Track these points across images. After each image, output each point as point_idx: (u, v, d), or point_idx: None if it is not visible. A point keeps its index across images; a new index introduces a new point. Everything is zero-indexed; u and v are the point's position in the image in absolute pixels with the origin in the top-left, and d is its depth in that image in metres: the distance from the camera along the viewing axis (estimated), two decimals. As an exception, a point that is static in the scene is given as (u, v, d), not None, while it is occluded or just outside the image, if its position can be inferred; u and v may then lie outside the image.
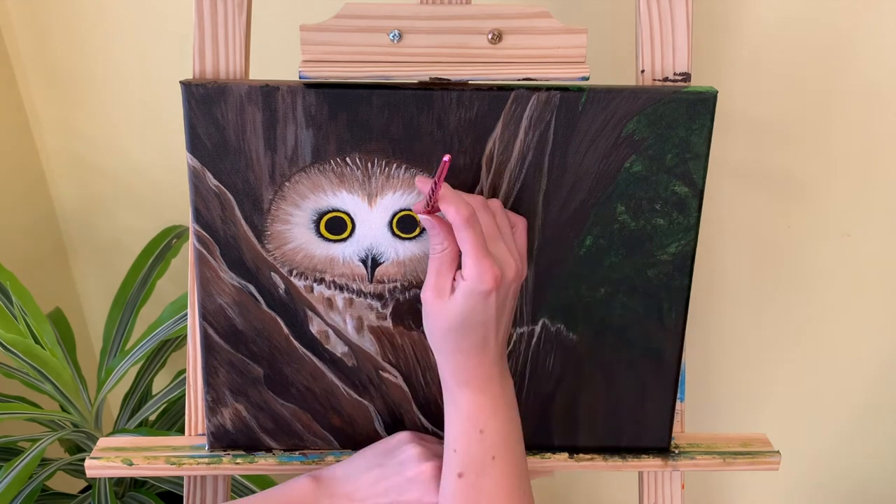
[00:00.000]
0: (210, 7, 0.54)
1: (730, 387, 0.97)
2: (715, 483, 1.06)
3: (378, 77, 0.52)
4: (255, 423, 0.60)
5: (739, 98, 0.78)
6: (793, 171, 0.82)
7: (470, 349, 0.50)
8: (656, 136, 0.53)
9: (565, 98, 0.52)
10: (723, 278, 0.89)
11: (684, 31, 0.55)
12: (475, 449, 0.51)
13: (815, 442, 1.00)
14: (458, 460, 0.51)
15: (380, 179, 0.54)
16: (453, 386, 0.52)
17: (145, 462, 0.60)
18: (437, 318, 0.50)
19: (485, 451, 0.51)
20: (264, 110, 0.52)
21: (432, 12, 0.52)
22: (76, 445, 0.89)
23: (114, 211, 0.97)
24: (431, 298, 0.50)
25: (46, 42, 0.86)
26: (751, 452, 0.63)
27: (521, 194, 0.54)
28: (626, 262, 0.56)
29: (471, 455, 0.51)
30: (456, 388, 0.52)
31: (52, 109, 0.90)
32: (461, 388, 0.52)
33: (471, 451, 0.51)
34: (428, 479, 0.54)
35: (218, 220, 0.55)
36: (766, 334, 0.93)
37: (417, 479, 0.54)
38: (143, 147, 0.91)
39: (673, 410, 0.61)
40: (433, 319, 0.51)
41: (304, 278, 0.56)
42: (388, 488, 0.54)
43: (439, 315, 0.50)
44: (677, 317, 0.58)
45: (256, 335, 0.58)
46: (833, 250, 0.86)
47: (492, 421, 0.51)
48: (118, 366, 0.82)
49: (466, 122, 0.52)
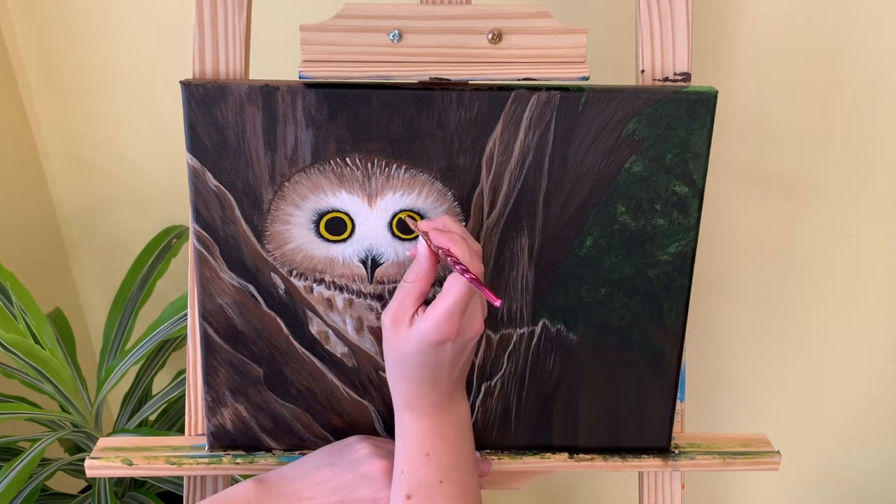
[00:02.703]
0: (210, 7, 0.54)
1: (730, 387, 0.97)
2: (715, 483, 1.06)
3: (378, 77, 0.52)
4: (254, 423, 0.60)
5: (739, 98, 0.78)
6: (793, 171, 0.82)
7: (418, 380, 0.50)
8: (656, 136, 0.53)
9: (565, 98, 0.52)
10: (723, 278, 0.89)
11: (684, 31, 0.55)
12: (422, 472, 0.51)
13: (815, 442, 1.00)
14: (405, 482, 0.51)
15: (380, 180, 0.54)
16: (401, 408, 0.52)
17: (145, 462, 0.60)
18: (389, 344, 0.50)
19: (431, 473, 0.51)
20: (264, 110, 0.52)
21: (432, 12, 0.52)
22: (76, 445, 0.89)
23: (114, 211, 0.97)
24: (388, 324, 0.50)
25: (46, 42, 0.86)
26: (751, 452, 0.63)
27: (521, 194, 0.54)
28: (627, 263, 0.56)
29: (418, 477, 0.51)
30: (403, 411, 0.52)
31: (52, 109, 0.90)
32: (408, 411, 0.52)
33: (418, 474, 0.51)
34: (381, 475, 0.53)
35: (218, 220, 0.55)
36: (766, 334, 0.93)
37: (370, 475, 0.54)
38: (143, 147, 0.91)
39: (673, 410, 0.61)
40: (386, 344, 0.51)
41: (303, 279, 0.56)
42: (339, 486, 0.53)
43: (392, 342, 0.50)
44: (677, 317, 0.58)
45: (256, 335, 0.58)
46: (833, 250, 0.86)
47: (438, 445, 0.51)
48: (118, 366, 0.82)
49: (466, 122, 0.52)
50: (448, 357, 0.49)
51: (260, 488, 0.54)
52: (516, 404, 0.61)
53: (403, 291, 0.50)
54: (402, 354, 0.50)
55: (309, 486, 0.54)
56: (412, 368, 0.50)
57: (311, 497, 0.53)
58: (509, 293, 0.57)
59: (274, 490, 0.54)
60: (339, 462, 0.55)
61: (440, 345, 0.48)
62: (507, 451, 0.62)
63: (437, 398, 0.51)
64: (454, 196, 0.54)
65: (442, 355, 0.49)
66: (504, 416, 0.61)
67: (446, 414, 0.52)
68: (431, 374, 0.50)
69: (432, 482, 0.51)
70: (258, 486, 0.54)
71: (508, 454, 0.62)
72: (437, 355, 0.49)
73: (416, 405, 0.51)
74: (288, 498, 0.53)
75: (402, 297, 0.50)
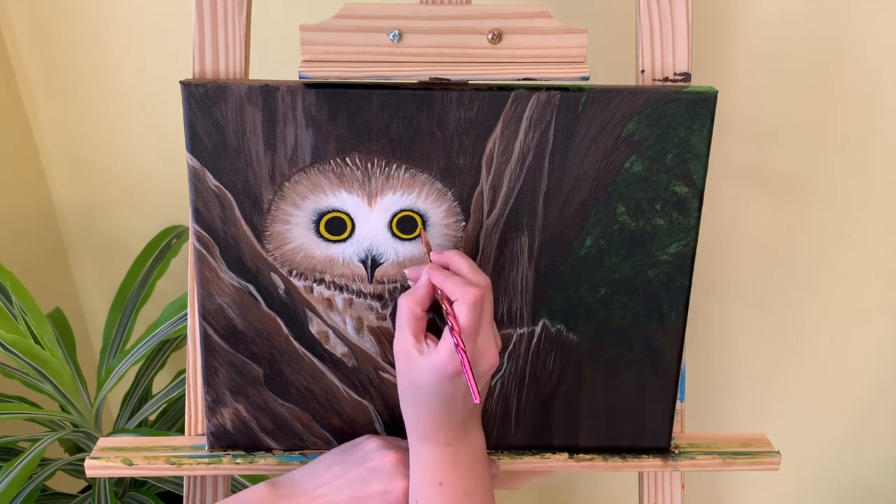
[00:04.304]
0: (210, 7, 0.54)
1: (730, 387, 0.97)
2: (715, 483, 1.06)
3: (378, 77, 0.52)
4: (254, 423, 0.60)
5: (739, 98, 0.78)
6: (793, 171, 0.82)
7: (433, 412, 0.49)
8: (656, 136, 0.53)
9: (565, 98, 0.52)
10: (723, 278, 0.89)
11: (684, 31, 0.55)
12: (435, 500, 0.50)
13: (815, 442, 1.00)
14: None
15: (380, 180, 0.54)
16: (414, 438, 0.52)
17: (145, 462, 0.60)
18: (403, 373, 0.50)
19: (445, 502, 0.50)
20: (264, 110, 0.52)
21: (432, 12, 0.52)
22: (76, 445, 0.89)
23: (114, 211, 0.97)
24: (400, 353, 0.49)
25: (46, 42, 0.86)
26: (751, 452, 0.63)
27: (521, 194, 0.54)
28: (627, 263, 0.56)
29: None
30: (417, 442, 0.51)
31: (52, 109, 0.90)
32: (421, 441, 0.51)
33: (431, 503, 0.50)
34: (391, 466, 0.53)
35: (218, 220, 0.55)
36: (767, 334, 0.93)
37: (379, 468, 0.53)
38: (143, 147, 0.91)
39: (673, 410, 0.61)
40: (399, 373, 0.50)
41: (303, 279, 0.56)
42: (350, 481, 0.53)
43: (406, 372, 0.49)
44: (677, 317, 0.58)
45: (256, 335, 0.58)
46: (833, 250, 0.86)
47: (451, 475, 0.50)
48: (118, 366, 0.82)
49: (466, 122, 0.52)
50: (463, 389, 0.48)
51: (273, 490, 0.54)
52: (516, 404, 0.61)
53: (400, 316, 0.49)
54: (415, 384, 0.49)
55: (319, 485, 0.53)
56: (427, 399, 0.49)
57: (322, 495, 0.53)
58: (509, 293, 0.57)
59: (285, 491, 0.54)
60: (348, 460, 0.55)
61: (455, 377, 0.47)
62: (507, 451, 0.62)
63: (453, 429, 0.50)
64: (454, 196, 0.54)
65: (457, 387, 0.48)
66: (504, 416, 0.61)
67: (461, 444, 0.51)
68: (447, 406, 0.49)
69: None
70: (271, 488, 0.54)
71: (508, 454, 0.62)
72: (453, 387, 0.48)
73: (431, 436, 0.50)
74: (299, 498, 0.53)
75: (400, 324, 0.49)
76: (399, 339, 0.49)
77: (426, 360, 0.47)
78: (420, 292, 0.49)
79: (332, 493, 0.53)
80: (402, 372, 0.50)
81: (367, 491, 0.52)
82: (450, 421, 0.50)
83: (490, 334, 0.49)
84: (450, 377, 0.47)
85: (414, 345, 0.48)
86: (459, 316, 0.46)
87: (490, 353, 0.49)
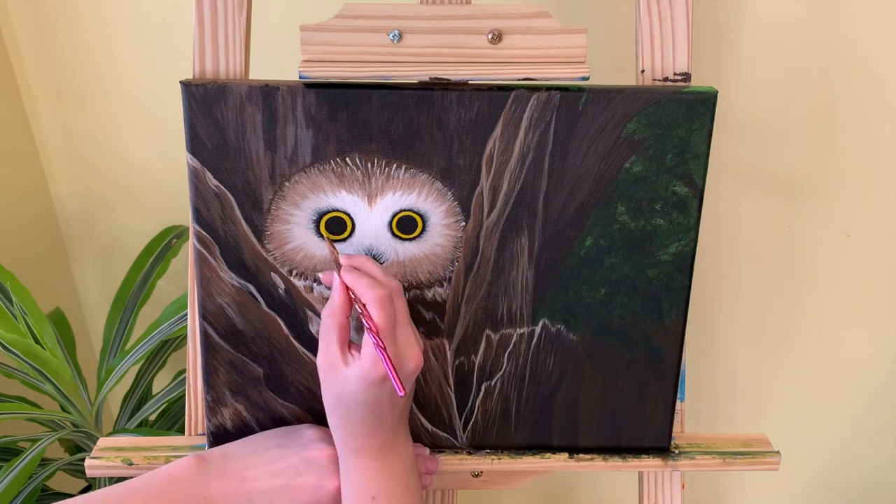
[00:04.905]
0: (210, 7, 0.54)
1: (730, 387, 0.97)
2: (715, 483, 1.06)
3: (378, 77, 0.52)
4: (255, 423, 0.60)
5: (739, 98, 0.78)
6: (793, 171, 0.82)
7: (361, 421, 0.49)
8: (656, 137, 0.53)
9: (565, 98, 0.52)
10: (723, 278, 0.89)
11: (684, 32, 0.55)
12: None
13: (815, 442, 1.00)
14: None
15: (380, 180, 0.54)
16: (345, 452, 0.51)
17: (145, 462, 0.60)
18: (327, 388, 0.50)
19: None
20: (264, 110, 0.52)
21: (432, 12, 0.52)
22: (76, 445, 0.89)
23: (114, 211, 0.97)
24: (324, 367, 0.49)
25: (46, 42, 0.86)
26: (751, 452, 0.63)
27: (521, 195, 0.54)
28: (627, 263, 0.56)
29: None
30: (347, 455, 0.51)
31: (52, 109, 0.90)
32: (351, 454, 0.51)
33: None
34: (327, 462, 0.52)
35: (218, 220, 0.55)
36: (767, 334, 0.93)
37: (316, 461, 0.52)
38: (143, 147, 0.91)
39: (673, 410, 0.61)
40: (324, 388, 0.50)
41: (304, 278, 0.56)
42: (284, 468, 0.52)
43: (330, 385, 0.49)
44: (677, 317, 0.58)
45: (256, 335, 0.58)
46: (833, 250, 0.86)
47: (385, 487, 0.50)
48: (118, 366, 0.82)
49: (466, 122, 0.52)
50: (389, 393, 0.48)
51: (202, 465, 0.52)
52: (516, 404, 0.61)
53: (325, 329, 0.49)
54: (342, 395, 0.49)
55: (253, 466, 0.52)
56: (354, 410, 0.49)
57: (255, 478, 0.52)
58: (509, 293, 0.57)
59: (216, 467, 0.52)
60: (287, 444, 0.54)
61: (382, 381, 0.47)
62: (507, 451, 0.62)
63: (382, 438, 0.50)
64: (454, 196, 0.54)
65: (383, 392, 0.48)
66: (504, 415, 0.61)
67: (391, 454, 0.51)
68: (374, 414, 0.49)
69: None
70: (200, 463, 0.52)
71: (508, 454, 0.62)
72: (380, 392, 0.48)
73: (361, 448, 0.50)
74: (230, 477, 0.52)
75: (326, 336, 0.49)
76: (323, 352, 0.49)
77: (351, 369, 0.48)
78: (337, 299, 0.49)
79: (264, 478, 0.52)
80: (328, 386, 0.50)
81: (299, 481, 0.52)
82: (379, 429, 0.50)
83: (410, 335, 0.50)
84: (377, 382, 0.47)
85: (339, 357, 0.48)
86: (373, 315, 0.47)
87: (413, 354, 0.49)
